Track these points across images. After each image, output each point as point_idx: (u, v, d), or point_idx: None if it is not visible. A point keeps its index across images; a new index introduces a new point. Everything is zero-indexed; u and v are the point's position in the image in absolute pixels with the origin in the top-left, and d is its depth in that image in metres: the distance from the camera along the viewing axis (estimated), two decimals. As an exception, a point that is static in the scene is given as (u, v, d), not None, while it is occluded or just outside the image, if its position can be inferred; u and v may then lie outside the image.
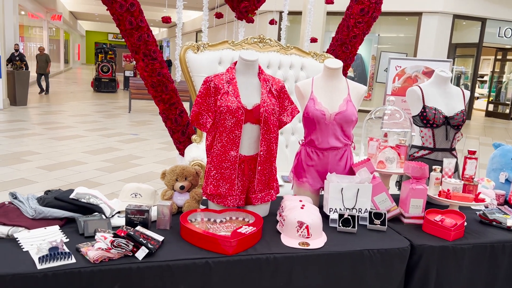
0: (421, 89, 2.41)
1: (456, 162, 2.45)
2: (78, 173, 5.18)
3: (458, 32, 13.46)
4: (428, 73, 5.16)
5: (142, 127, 8.83)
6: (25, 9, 15.57)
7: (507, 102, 15.07)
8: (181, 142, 3.89)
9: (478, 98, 17.11)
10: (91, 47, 41.24)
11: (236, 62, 2.04)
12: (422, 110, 2.36)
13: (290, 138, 3.54)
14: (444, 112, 2.35)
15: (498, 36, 13.61)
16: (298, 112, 2.11)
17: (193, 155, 3.08)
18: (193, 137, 3.45)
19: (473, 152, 2.20)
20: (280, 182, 2.98)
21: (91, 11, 26.51)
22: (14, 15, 12.25)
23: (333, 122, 2.09)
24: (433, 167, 2.17)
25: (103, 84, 15.41)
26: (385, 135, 2.40)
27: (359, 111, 2.62)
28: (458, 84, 14.35)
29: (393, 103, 2.39)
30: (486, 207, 2.38)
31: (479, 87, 17.52)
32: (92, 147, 6.65)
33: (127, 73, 16.33)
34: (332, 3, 4.75)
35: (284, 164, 3.39)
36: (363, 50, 13.96)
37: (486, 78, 17.63)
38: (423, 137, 2.41)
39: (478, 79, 15.57)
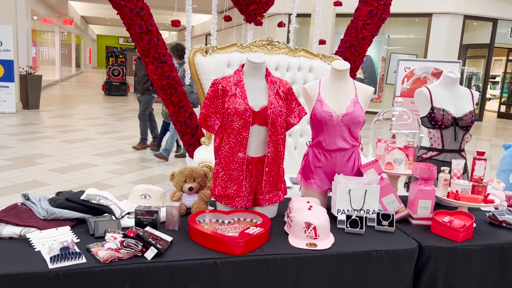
0: (429, 90, 2.40)
1: (465, 163, 2.44)
2: (89, 176, 5.25)
3: (469, 33, 13.34)
4: (437, 74, 5.13)
5: (152, 129, 8.89)
6: (37, 14, 15.81)
7: (519, 103, 14.87)
8: (191, 144, 3.92)
9: (490, 99, 16.90)
10: (102, 51, 41.67)
11: (244, 64, 2.06)
12: (430, 111, 2.36)
13: (299, 140, 3.55)
14: (452, 113, 2.35)
15: (510, 36, 13.45)
16: (306, 113, 2.12)
17: (202, 157, 3.10)
18: (202, 139, 3.47)
19: (482, 153, 2.19)
20: (289, 183, 2.99)
21: (102, 15, 26.81)
22: (27, 20, 12.45)
23: (340, 123, 2.10)
24: (442, 168, 2.16)
25: (114, 88, 15.55)
26: (393, 136, 2.40)
27: (369, 112, 2.61)
28: (469, 85, 14.21)
29: (401, 105, 2.39)
30: (496, 208, 2.36)
31: (491, 88, 17.32)
32: (103, 149, 6.73)
33: (137, 77, 16.44)
34: (341, 5, 4.75)
35: (292, 166, 3.39)
36: (373, 52, 13.90)
37: (498, 79, 17.42)
38: (431, 138, 2.41)
39: (489, 80, 15.40)
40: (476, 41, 13.59)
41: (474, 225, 2.09)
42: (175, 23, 4.09)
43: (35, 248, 1.61)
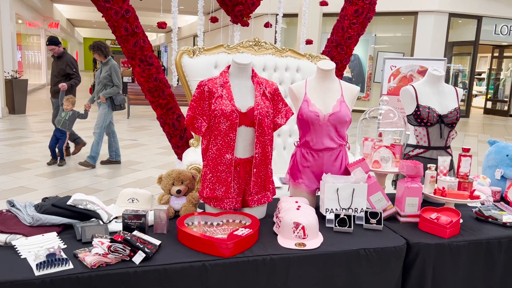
0: (414, 88, 2.42)
1: (451, 160, 2.47)
2: (77, 180, 5.19)
3: (455, 30, 13.50)
4: (423, 72, 5.18)
5: (141, 132, 8.85)
6: (22, 17, 15.63)
7: (505, 99, 15.10)
8: (179, 146, 3.90)
9: (476, 95, 17.13)
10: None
11: (230, 65, 2.05)
12: (416, 109, 2.38)
13: (288, 140, 3.55)
14: (437, 111, 2.37)
15: (495, 33, 13.65)
16: (293, 114, 2.12)
17: (191, 159, 3.09)
18: (191, 141, 3.46)
19: (467, 150, 2.21)
20: (279, 183, 2.99)
21: (88, 18, 26.61)
22: (11, 24, 12.30)
23: (327, 123, 2.11)
24: (428, 165, 2.18)
25: (102, 91, 15.40)
26: (380, 134, 2.42)
27: (357, 111, 2.61)
28: (456, 82, 14.38)
29: (387, 103, 2.41)
30: (482, 204, 2.39)
31: (477, 85, 17.56)
32: (91, 153, 6.66)
33: (125, 79, 16.33)
34: (326, 4, 4.77)
35: (282, 166, 3.39)
36: (360, 51, 14.00)
37: (483, 75, 17.66)
38: (417, 135, 2.43)
39: (475, 76, 15.61)
40: (462, 39, 13.77)
41: (461, 221, 2.11)
42: (161, 25, 4.07)
43: (21, 255, 1.59)
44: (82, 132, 7.10)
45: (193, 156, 3.14)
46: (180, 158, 3.89)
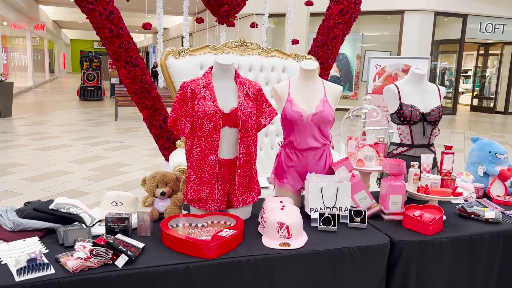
0: (397, 87, 2.44)
1: (435, 158, 2.49)
2: (64, 183, 5.14)
3: (440, 28, 13.65)
4: (408, 71, 5.23)
5: (129, 134, 8.79)
6: (7, 19, 15.43)
7: (491, 96, 15.29)
8: (166, 148, 3.88)
9: (462, 93, 17.33)
10: (76, 55, 40.99)
11: (212, 66, 2.05)
12: (399, 107, 2.40)
13: (275, 140, 3.56)
14: (420, 109, 2.39)
15: (480, 31, 13.81)
16: (276, 114, 2.12)
17: (177, 161, 3.08)
18: (178, 142, 3.45)
19: (450, 147, 2.23)
20: (266, 184, 2.99)
21: (74, 19, 26.35)
22: (-5, 26, 12.13)
23: (310, 122, 2.12)
24: (411, 163, 2.20)
25: (89, 93, 15.31)
26: (364, 133, 2.43)
27: (345, 110, 2.63)
28: (443, 80, 14.53)
29: (370, 102, 2.42)
30: (466, 200, 2.42)
31: (463, 82, 17.77)
32: (78, 156, 6.61)
33: (113, 80, 16.23)
34: (312, 4, 4.79)
35: (270, 166, 3.40)
36: (348, 50, 14.07)
37: (470, 73, 17.87)
38: (401, 134, 2.45)
39: (462, 74, 15.78)
40: (448, 37, 13.92)
41: (444, 218, 2.13)
42: (145, 26, 4.05)
43: (1, 261, 1.56)
44: None
45: (180, 157, 3.13)
46: (167, 159, 3.87)
